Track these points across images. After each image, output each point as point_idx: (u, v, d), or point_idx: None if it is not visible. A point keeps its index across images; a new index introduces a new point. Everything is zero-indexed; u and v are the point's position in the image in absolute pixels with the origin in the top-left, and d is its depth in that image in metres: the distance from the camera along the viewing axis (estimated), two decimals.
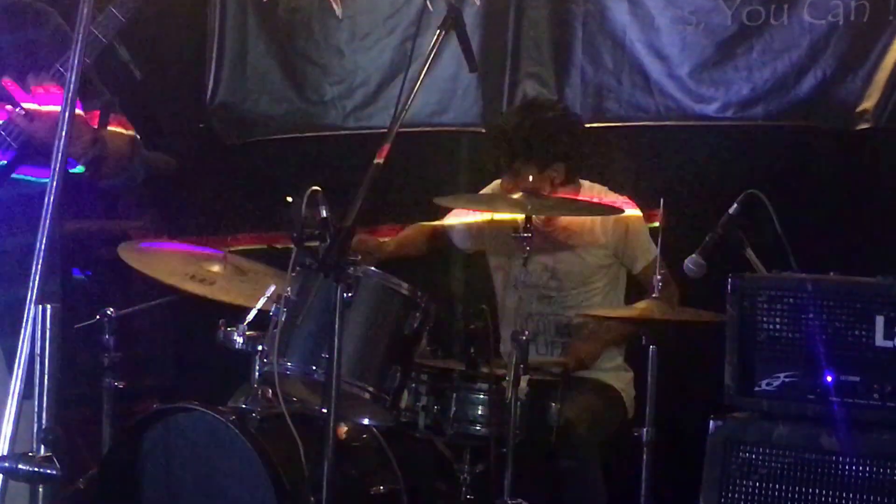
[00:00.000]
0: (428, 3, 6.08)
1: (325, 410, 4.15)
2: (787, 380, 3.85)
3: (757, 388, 3.93)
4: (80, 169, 3.31)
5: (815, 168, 5.66)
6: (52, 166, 2.38)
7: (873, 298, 3.82)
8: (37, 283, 2.25)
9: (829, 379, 3.79)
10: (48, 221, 2.31)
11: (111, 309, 5.07)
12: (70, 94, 2.44)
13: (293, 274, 4.53)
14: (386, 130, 4.25)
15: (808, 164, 5.68)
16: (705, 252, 4.50)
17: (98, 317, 5.05)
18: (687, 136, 5.79)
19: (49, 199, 2.33)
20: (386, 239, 5.56)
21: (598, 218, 5.35)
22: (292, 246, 4.46)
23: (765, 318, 3.97)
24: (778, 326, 3.94)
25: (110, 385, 5.05)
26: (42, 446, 2.16)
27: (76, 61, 2.47)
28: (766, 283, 4.12)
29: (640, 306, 4.87)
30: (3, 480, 2.19)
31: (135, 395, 5.25)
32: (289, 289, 4.53)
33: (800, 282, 3.97)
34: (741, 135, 5.76)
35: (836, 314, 3.87)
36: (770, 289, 4.02)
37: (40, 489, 2.18)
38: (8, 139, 3.23)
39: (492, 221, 5.50)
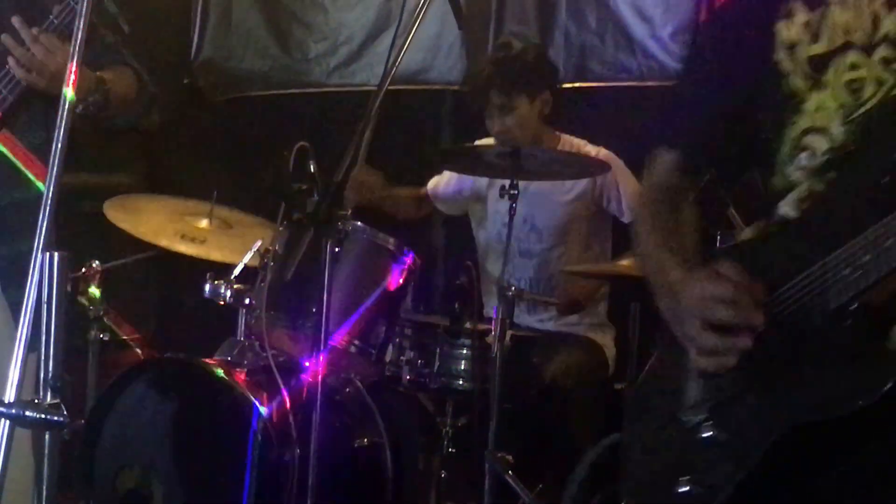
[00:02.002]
0: None
1: (313, 364, 4.04)
2: None
3: None
4: None
5: None
6: (59, 115, 2.35)
7: None
8: (44, 230, 2.24)
9: None
10: (55, 170, 2.31)
11: (96, 262, 5.04)
12: (77, 44, 2.42)
13: (281, 228, 4.62)
14: (369, 87, 4.27)
15: None
16: None
17: (83, 270, 5.02)
18: (664, 98, 5.73)
19: (55, 148, 2.32)
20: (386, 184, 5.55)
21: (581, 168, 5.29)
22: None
23: None
24: None
25: (97, 336, 5.02)
26: (49, 393, 2.16)
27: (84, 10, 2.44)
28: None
29: (625, 263, 4.85)
30: (9, 427, 2.18)
31: (120, 345, 5.19)
32: (276, 243, 4.58)
33: None
34: None
35: None
36: None
37: (47, 436, 2.19)
38: (4, 91, 3.22)
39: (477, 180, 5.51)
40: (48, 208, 2.26)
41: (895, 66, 1.95)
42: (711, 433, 2.01)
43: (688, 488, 2.01)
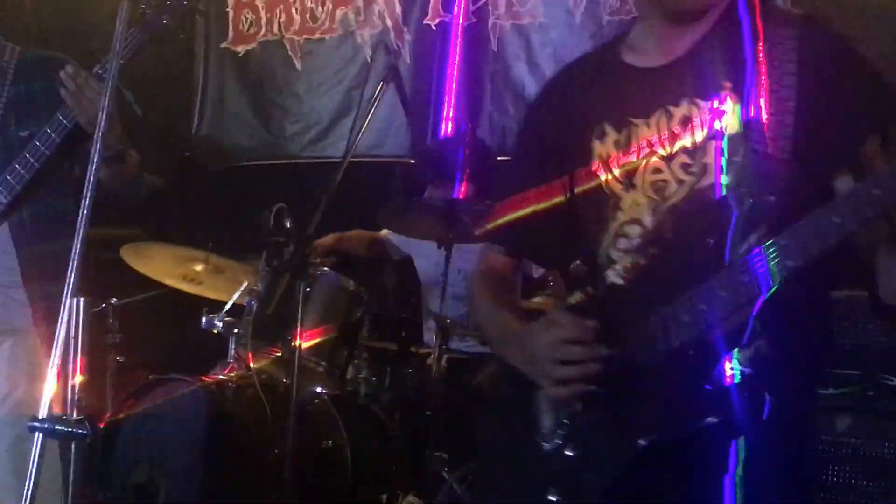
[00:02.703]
0: (369, 59, 6.13)
1: (287, 381, 4.22)
2: None
3: None
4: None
5: None
6: (87, 177, 2.33)
7: None
8: (73, 278, 2.21)
9: None
10: (82, 226, 2.27)
11: (114, 299, 5.06)
12: (108, 91, 2.40)
13: (262, 272, 4.58)
14: (334, 159, 4.29)
15: None
16: None
17: (103, 305, 5.02)
18: None
19: (84, 203, 2.29)
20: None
21: None
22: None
23: None
24: None
25: (113, 360, 5.04)
26: (75, 411, 2.13)
27: (115, 64, 2.44)
28: None
29: (536, 301, 4.88)
30: (42, 438, 2.15)
31: (132, 367, 5.18)
32: (259, 284, 4.55)
33: None
34: None
35: None
36: None
37: (73, 445, 2.15)
38: (64, 121, 3.17)
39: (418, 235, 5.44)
40: (75, 261, 2.23)
41: (692, 169, 1.93)
42: (572, 453, 1.96)
43: (556, 498, 1.97)
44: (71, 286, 2.17)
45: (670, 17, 2.01)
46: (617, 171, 2.04)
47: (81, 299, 2.16)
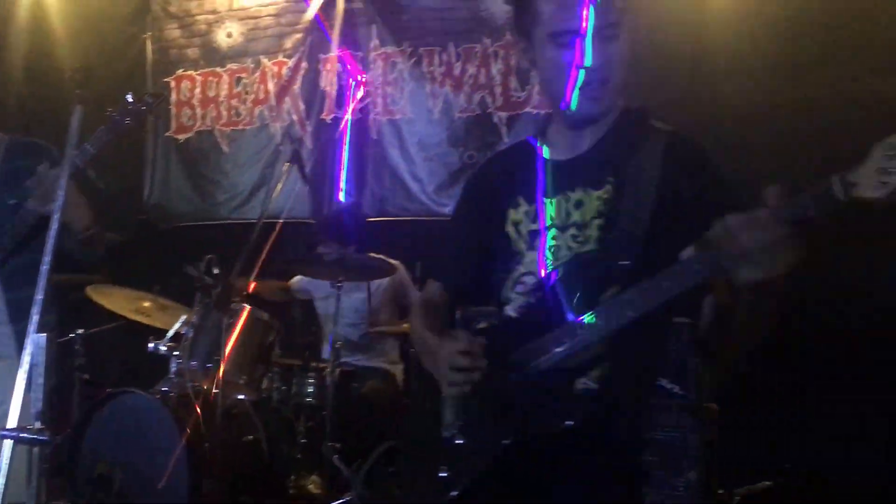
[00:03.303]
0: (280, 146, 6.11)
1: (216, 391, 4.18)
2: None
3: None
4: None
5: None
6: (49, 234, 2.31)
7: None
8: (35, 318, 2.16)
9: None
10: (44, 275, 2.24)
11: (80, 329, 4.95)
12: (63, 186, 2.40)
13: (197, 308, 4.53)
14: (253, 220, 4.26)
15: None
16: None
17: (71, 335, 4.91)
18: (431, 227, 5.68)
19: (46, 258, 2.27)
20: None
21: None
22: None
23: None
24: None
25: (80, 377, 4.92)
26: (38, 422, 2.11)
27: (66, 169, 2.44)
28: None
29: (406, 326, 4.88)
30: (12, 444, 2.12)
31: (95, 383, 5.04)
32: (194, 317, 4.50)
33: None
34: None
35: None
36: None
37: (35, 450, 2.13)
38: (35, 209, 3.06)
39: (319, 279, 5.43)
40: (39, 305, 2.17)
41: (580, 239, 1.93)
42: (462, 441, 1.95)
43: (446, 474, 1.95)
44: (34, 324, 2.12)
45: (570, 123, 2.01)
46: (524, 235, 2.03)
47: (42, 336, 2.12)
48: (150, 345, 4.52)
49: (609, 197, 1.92)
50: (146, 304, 5.05)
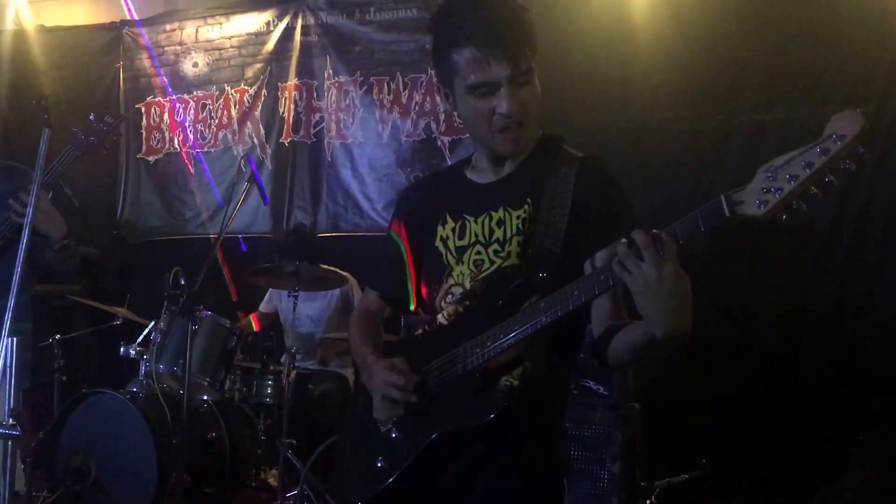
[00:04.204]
0: (242, 167, 6.09)
1: (182, 392, 4.23)
2: None
3: None
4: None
5: None
6: (21, 241, 2.35)
7: None
8: (7, 323, 2.19)
9: None
10: (15, 284, 2.26)
11: (59, 335, 4.91)
12: (33, 203, 2.45)
13: (164, 315, 4.60)
14: (216, 236, 4.35)
15: None
16: None
17: (51, 339, 4.88)
18: (380, 242, 5.72)
19: (18, 266, 2.29)
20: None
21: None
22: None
23: None
24: None
25: (59, 378, 4.89)
26: (10, 419, 2.17)
27: (36, 185, 2.48)
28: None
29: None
30: None
31: (73, 383, 5.12)
32: (162, 323, 4.58)
33: None
34: None
35: None
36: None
37: (9, 442, 2.23)
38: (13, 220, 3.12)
39: (277, 291, 5.53)
40: (9, 311, 2.20)
41: (501, 254, 1.97)
42: (395, 434, 1.96)
43: (381, 464, 1.96)
44: (6, 329, 2.16)
45: (492, 159, 2.05)
46: (452, 250, 2.04)
47: (14, 339, 2.16)
48: (122, 348, 4.59)
49: (527, 216, 1.95)
50: (120, 311, 5.12)
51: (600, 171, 1.99)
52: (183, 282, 4.55)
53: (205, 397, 4.73)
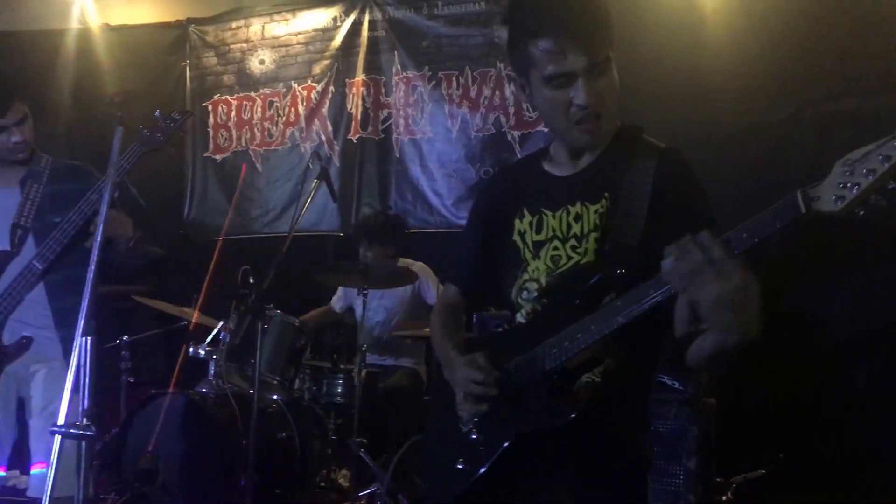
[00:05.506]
0: (310, 164, 6.08)
1: (252, 391, 4.13)
2: None
3: None
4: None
5: None
6: (94, 245, 2.30)
7: None
8: (81, 323, 2.15)
9: None
10: (89, 283, 2.22)
11: (126, 336, 4.94)
12: (107, 201, 2.40)
13: (233, 314, 4.51)
14: (285, 234, 4.27)
15: None
16: None
17: (118, 341, 4.91)
18: (450, 238, 5.66)
19: (91, 267, 2.26)
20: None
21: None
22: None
23: None
24: None
25: (126, 380, 4.91)
26: (84, 419, 2.11)
27: (109, 184, 2.47)
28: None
29: (427, 329, 4.84)
30: (61, 439, 2.10)
31: (139, 384, 5.04)
32: (230, 323, 4.48)
33: None
34: None
35: None
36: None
37: (83, 443, 2.13)
38: (76, 219, 3.09)
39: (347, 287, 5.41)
40: (86, 311, 2.16)
41: (579, 250, 1.93)
42: (476, 436, 1.95)
43: (461, 465, 1.95)
44: (81, 328, 2.13)
45: (569, 151, 2.01)
46: (529, 244, 2.02)
47: (88, 338, 2.12)
48: (191, 348, 4.54)
49: (605, 211, 1.92)
50: (188, 312, 5.06)
51: (682, 164, 1.95)
52: (251, 280, 4.45)
53: (274, 397, 4.66)
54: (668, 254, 1.59)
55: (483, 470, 1.90)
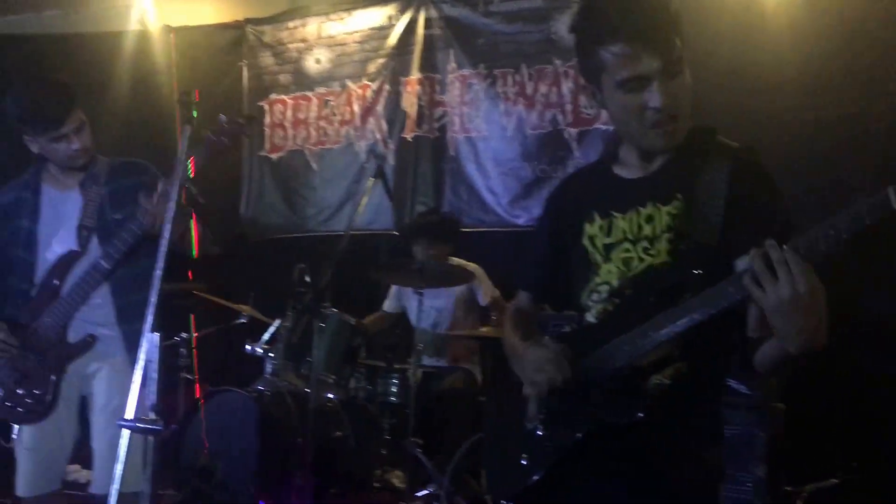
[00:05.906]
0: (366, 163, 6.08)
1: (307, 390, 4.16)
2: None
3: None
4: None
5: None
6: (160, 246, 2.33)
7: None
8: (149, 318, 2.18)
9: None
10: (157, 279, 2.26)
11: (184, 333, 4.99)
12: (173, 200, 2.43)
13: (289, 312, 4.50)
14: (341, 232, 4.25)
15: None
16: None
17: (176, 338, 4.95)
18: (505, 237, 5.68)
19: (158, 265, 2.29)
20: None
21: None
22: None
23: None
24: None
25: (183, 377, 4.97)
26: (152, 413, 2.15)
27: (176, 182, 2.48)
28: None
29: (483, 329, 4.86)
30: (129, 434, 2.17)
31: (197, 382, 5.10)
32: (287, 322, 4.49)
33: None
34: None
35: None
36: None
37: (150, 438, 2.19)
38: (135, 229, 3.10)
39: (403, 287, 5.38)
40: (153, 304, 2.19)
41: (651, 251, 1.92)
42: (541, 433, 1.96)
43: (525, 462, 1.97)
44: (149, 324, 2.15)
45: (643, 154, 1.99)
46: (599, 248, 2.01)
47: (156, 335, 2.15)
48: (247, 347, 4.57)
49: (678, 212, 1.91)
50: (244, 308, 5.13)
51: (757, 165, 1.91)
52: (307, 279, 4.46)
53: (330, 395, 4.64)
54: (750, 256, 1.58)
55: (547, 466, 1.90)
